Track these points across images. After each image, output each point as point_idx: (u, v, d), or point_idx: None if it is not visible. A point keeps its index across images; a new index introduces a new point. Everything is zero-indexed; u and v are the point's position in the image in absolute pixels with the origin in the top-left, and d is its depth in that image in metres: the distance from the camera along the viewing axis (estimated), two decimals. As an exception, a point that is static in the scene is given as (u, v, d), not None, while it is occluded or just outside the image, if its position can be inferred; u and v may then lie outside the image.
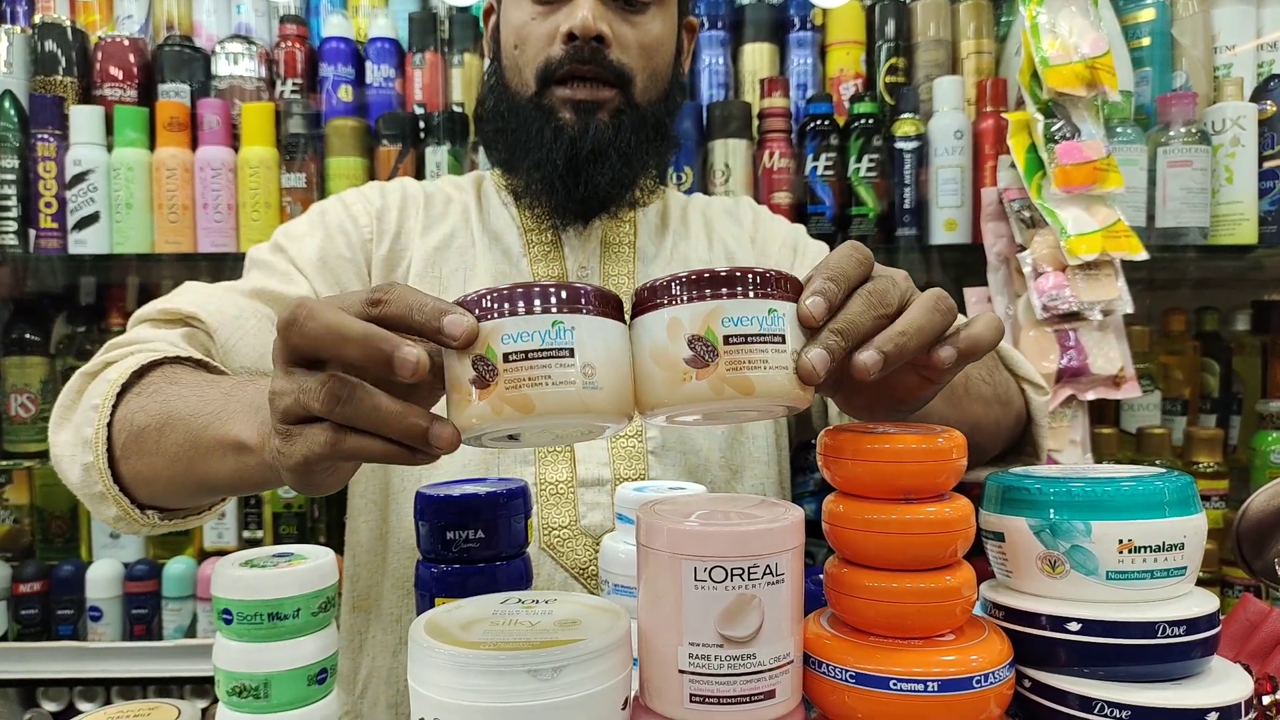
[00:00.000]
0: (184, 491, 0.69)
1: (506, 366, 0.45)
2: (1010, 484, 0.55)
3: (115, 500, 0.70)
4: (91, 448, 0.70)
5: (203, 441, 0.63)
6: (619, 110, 0.90)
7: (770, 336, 0.47)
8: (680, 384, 0.47)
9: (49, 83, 1.50)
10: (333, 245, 0.93)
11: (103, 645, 1.48)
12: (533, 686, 0.44)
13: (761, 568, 0.46)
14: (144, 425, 0.68)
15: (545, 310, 0.46)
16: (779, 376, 0.47)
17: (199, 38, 1.59)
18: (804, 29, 1.55)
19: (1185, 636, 0.49)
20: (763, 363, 0.46)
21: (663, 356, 0.47)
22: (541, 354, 0.45)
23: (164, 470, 0.68)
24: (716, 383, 0.46)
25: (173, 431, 0.66)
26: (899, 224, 1.45)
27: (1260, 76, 1.48)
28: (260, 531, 1.54)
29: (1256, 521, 0.65)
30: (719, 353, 0.46)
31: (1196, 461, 1.46)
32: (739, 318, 0.46)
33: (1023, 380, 0.86)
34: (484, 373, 0.45)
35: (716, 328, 0.46)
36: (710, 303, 0.46)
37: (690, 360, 0.46)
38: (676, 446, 0.89)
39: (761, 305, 0.47)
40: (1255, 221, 1.42)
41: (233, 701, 0.54)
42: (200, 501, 0.73)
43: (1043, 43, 1.30)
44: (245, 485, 0.64)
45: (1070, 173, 1.28)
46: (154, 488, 0.70)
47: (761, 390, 0.46)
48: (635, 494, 0.66)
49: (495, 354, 0.45)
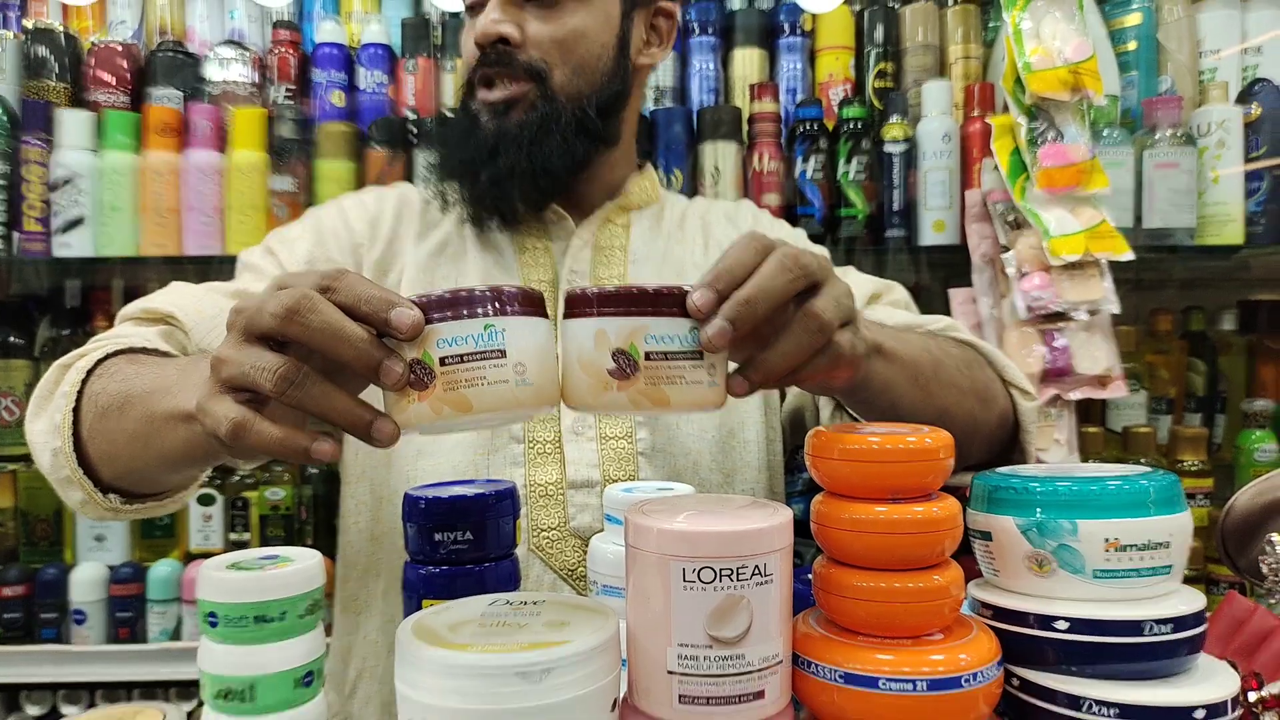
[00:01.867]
0: (145, 468, 0.70)
1: (443, 370, 0.48)
2: (997, 483, 0.55)
3: (80, 483, 0.72)
4: (59, 433, 0.72)
5: (157, 415, 0.64)
6: (532, 105, 0.90)
7: (689, 353, 0.51)
8: (602, 391, 0.50)
9: (40, 87, 1.50)
10: (323, 249, 0.93)
11: (87, 649, 1.47)
12: (521, 689, 0.44)
13: (750, 568, 0.46)
14: (106, 405, 0.70)
15: (475, 315, 0.49)
16: (694, 390, 0.51)
17: (192, 43, 1.59)
18: (794, 34, 1.55)
19: (1172, 634, 0.50)
20: (679, 378, 0.50)
21: (589, 364, 0.50)
22: (476, 356, 0.48)
23: (125, 448, 0.69)
24: (635, 395, 0.49)
25: (131, 409, 0.67)
26: (888, 225, 1.45)
27: (1245, 80, 1.50)
28: (247, 534, 1.53)
29: (1241, 519, 0.66)
30: (639, 367, 0.50)
31: (1181, 460, 1.47)
32: (660, 335, 0.50)
33: (1010, 385, 0.86)
34: (422, 375, 0.49)
35: (639, 344, 0.49)
36: (635, 319, 0.50)
37: (613, 372, 0.50)
38: (666, 448, 0.89)
39: (684, 324, 0.51)
40: (1241, 222, 1.43)
41: (218, 705, 0.53)
42: (163, 480, 0.74)
43: (1026, 48, 1.31)
44: (197, 456, 0.65)
45: (1053, 175, 1.29)
46: (117, 466, 0.72)
47: (676, 403, 0.50)
48: (624, 495, 0.66)
49: (432, 358, 0.48)
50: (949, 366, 0.77)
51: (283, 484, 1.53)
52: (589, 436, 0.88)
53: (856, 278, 0.98)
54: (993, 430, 0.83)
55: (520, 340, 0.49)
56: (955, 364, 0.78)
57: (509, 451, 0.87)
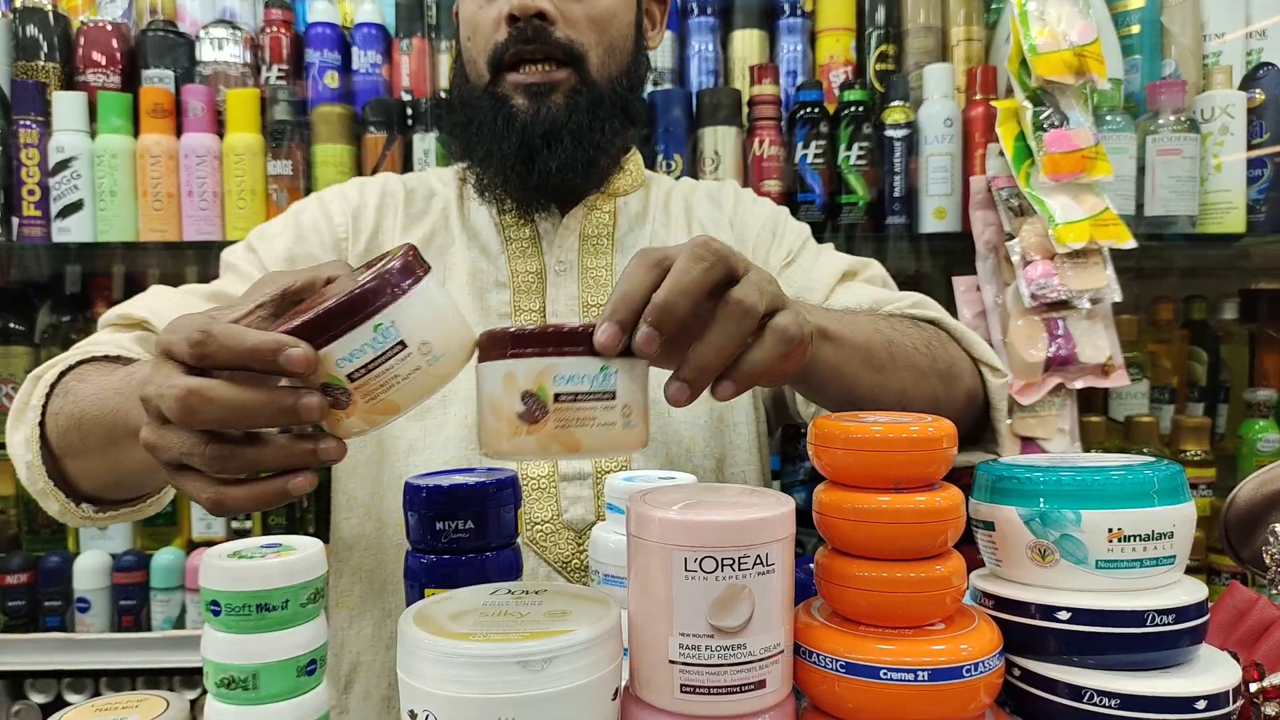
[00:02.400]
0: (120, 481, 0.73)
1: (355, 385, 0.49)
2: (1000, 473, 0.55)
3: (53, 495, 0.74)
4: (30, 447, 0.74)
5: (116, 435, 0.66)
6: (574, 90, 0.88)
7: (600, 394, 0.48)
8: (512, 436, 0.49)
9: (31, 68, 1.48)
10: (303, 245, 0.92)
11: (90, 637, 1.47)
12: (523, 678, 0.44)
13: (752, 558, 0.46)
14: (65, 426, 0.72)
15: (362, 321, 0.48)
16: (606, 433, 0.49)
17: (183, 23, 1.57)
18: (794, 15, 1.54)
19: (1174, 625, 0.50)
20: (590, 420, 0.48)
21: (498, 408, 0.49)
22: (380, 361, 0.48)
23: (97, 463, 0.72)
24: (545, 439, 0.48)
25: (89, 429, 0.69)
26: (888, 212, 1.45)
27: (1249, 64, 1.49)
28: (249, 522, 1.53)
29: (1244, 510, 0.66)
30: (549, 410, 0.48)
31: (1184, 450, 1.47)
32: (570, 376, 0.48)
33: (979, 362, 0.85)
34: (338, 395, 0.49)
35: (548, 385, 0.48)
36: (543, 360, 0.48)
37: (522, 415, 0.48)
38: (658, 437, 0.89)
39: (594, 363, 0.48)
40: (1243, 210, 1.42)
41: (221, 693, 0.53)
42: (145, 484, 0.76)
43: (1031, 30, 1.30)
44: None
45: (1058, 161, 1.28)
46: (95, 481, 0.74)
47: (587, 447, 0.49)
48: (625, 484, 0.66)
49: (339, 378, 0.48)
50: (905, 346, 0.76)
51: (283, 471, 1.53)
52: None
53: (832, 256, 0.97)
54: (959, 409, 0.82)
55: (414, 320, 0.49)
56: (913, 343, 0.77)
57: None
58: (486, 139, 0.89)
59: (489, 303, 0.92)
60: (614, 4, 0.90)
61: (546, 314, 0.92)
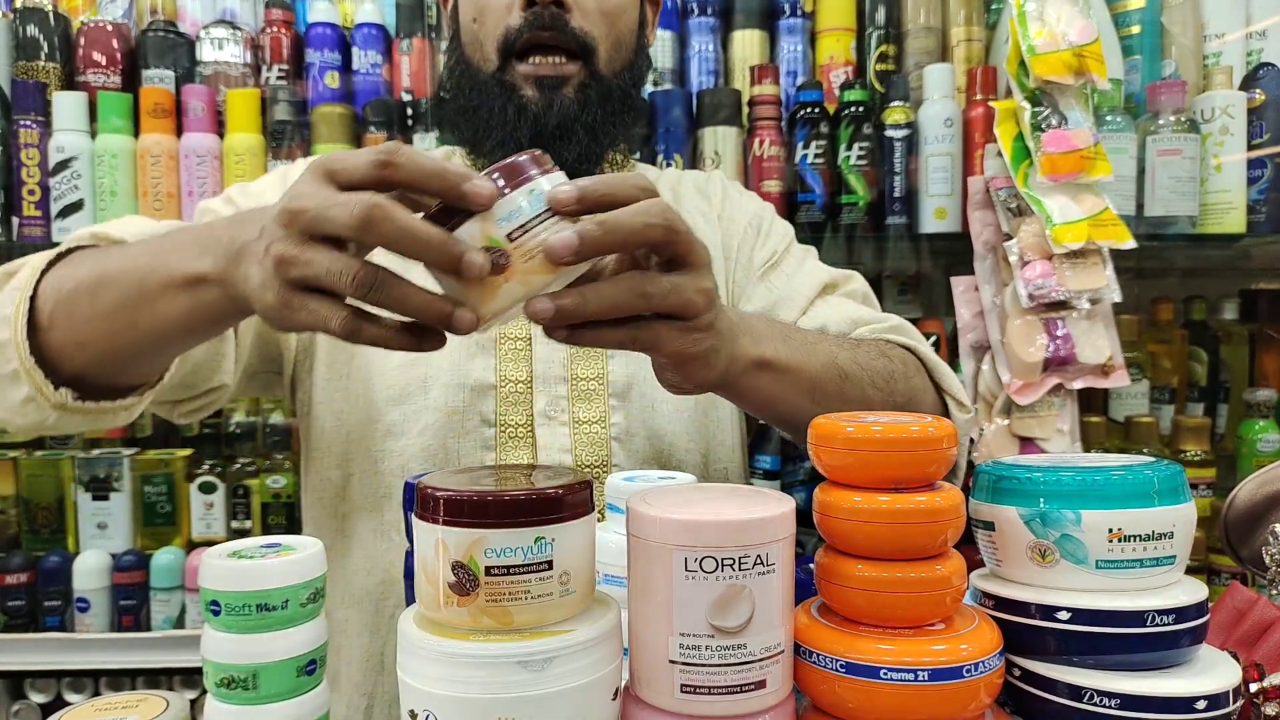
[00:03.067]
0: (123, 351, 0.67)
1: (513, 244, 0.49)
2: (1000, 473, 0.55)
3: (28, 375, 0.68)
4: (9, 324, 0.67)
5: (150, 285, 0.62)
6: (584, 84, 0.88)
7: (535, 565, 0.46)
8: (441, 606, 0.46)
9: (31, 68, 1.48)
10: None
11: (90, 636, 1.47)
12: (523, 677, 0.44)
13: (752, 558, 0.46)
14: (73, 288, 0.67)
15: (521, 184, 0.50)
16: (541, 605, 0.46)
17: (183, 23, 1.57)
18: (794, 15, 1.54)
19: (1174, 625, 0.50)
20: (524, 594, 0.46)
21: (430, 573, 0.47)
22: (535, 222, 0.49)
23: (100, 329, 0.66)
24: (475, 612, 0.45)
25: (109, 286, 0.64)
26: (889, 212, 1.45)
27: (1249, 65, 1.49)
28: (248, 521, 1.53)
29: (1244, 510, 0.66)
30: (480, 583, 0.45)
31: (1184, 450, 1.47)
32: (502, 549, 0.45)
33: (945, 394, 0.84)
34: (496, 258, 0.49)
35: (479, 558, 0.45)
36: (474, 531, 0.45)
37: (453, 586, 0.46)
38: (640, 432, 0.88)
39: (529, 534, 0.46)
40: (1243, 210, 1.42)
41: (221, 693, 0.53)
42: (140, 363, 0.71)
43: (1030, 31, 1.30)
44: (199, 324, 0.63)
45: (1057, 161, 1.28)
46: (87, 353, 0.68)
47: (520, 622, 0.46)
48: (625, 484, 0.66)
49: (497, 238, 0.49)
50: (860, 380, 0.75)
51: (284, 471, 1.53)
52: (561, 420, 0.87)
53: (814, 266, 0.96)
54: None
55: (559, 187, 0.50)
56: (871, 376, 0.77)
57: (479, 435, 0.86)
58: (498, 128, 0.88)
59: None
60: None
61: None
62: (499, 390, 0.87)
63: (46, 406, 0.69)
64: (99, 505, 1.53)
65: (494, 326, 0.56)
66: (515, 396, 0.87)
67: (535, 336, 0.88)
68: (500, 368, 0.87)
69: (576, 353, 0.89)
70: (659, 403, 0.89)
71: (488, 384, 0.87)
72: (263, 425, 1.60)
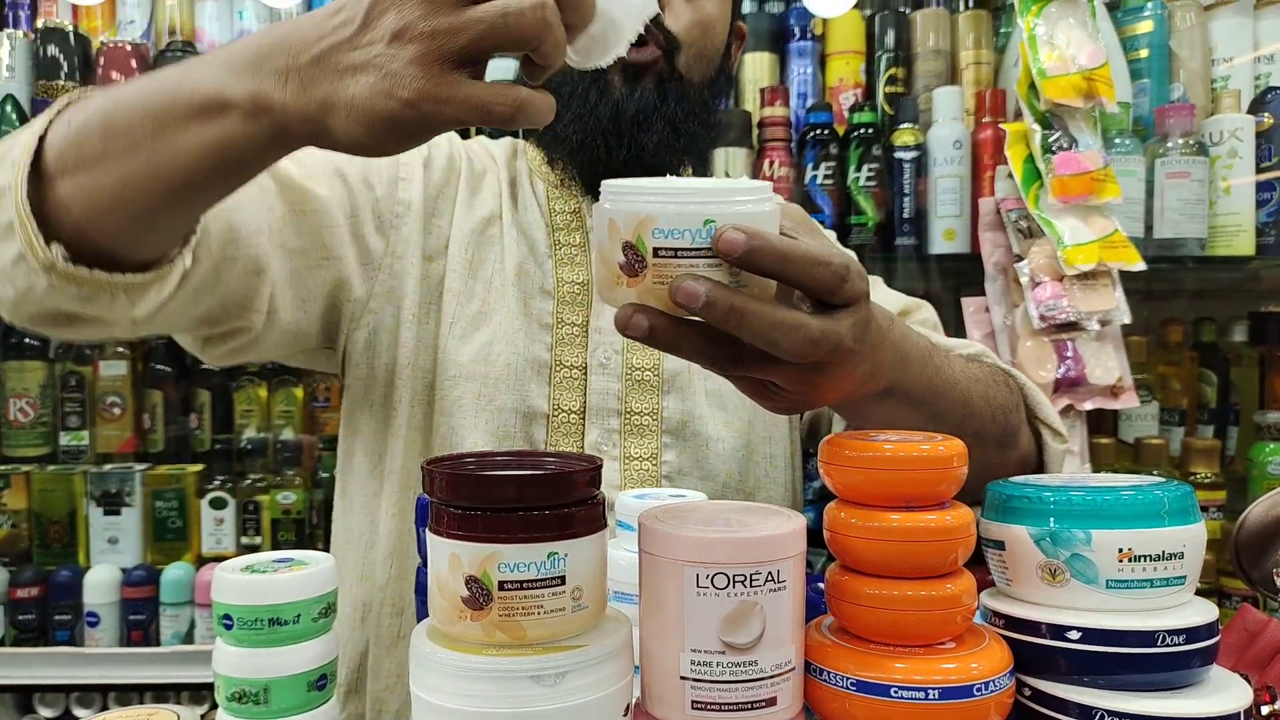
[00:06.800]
0: (139, 195, 0.58)
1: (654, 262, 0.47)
2: (1011, 492, 0.55)
3: (22, 224, 0.59)
4: (14, 169, 0.59)
5: (174, 113, 0.55)
6: (663, 78, 0.86)
7: (548, 580, 0.46)
8: (455, 620, 0.46)
9: (51, 87, 1.51)
10: (352, 164, 0.85)
11: (100, 651, 1.48)
12: (535, 692, 0.44)
13: (764, 574, 0.46)
14: (82, 124, 0.58)
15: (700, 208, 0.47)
16: (553, 620, 0.46)
17: (201, 43, 1.60)
18: (804, 38, 1.55)
19: (1185, 645, 0.50)
20: (537, 609, 0.45)
21: (444, 587, 0.46)
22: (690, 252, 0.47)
23: (113, 171, 0.57)
24: (488, 627, 0.45)
25: (128, 118, 0.57)
26: (898, 233, 1.45)
27: (1257, 88, 1.49)
28: (258, 537, 1.53)
29: (1255, 532, 0.65)
30: (493, 598, 0.45)
31: (1194, 472, 1.46)
32: (515, 564, 0.45)
33: (1042, 424, 0.81)
34: (634, 261, 0.48)
35: (492, 572, 0.45)
36: (488, 546, 0.45)
37: (466, 600, 0.45)
38: (693, 471, 0.86)
39: (541, 550, 0.45)
40: (1252, 233, 1.42)
41: (232, 707, 0.54)
42: (156, 213, 0.60)
43: (1040, 54, 1.31)
44: (229, 157, 0.55)
45: (1067, 183, 1.28)
46: (97, 199, 0.59)
47: (533, 637, 0.46)
48: (637, 501, 0.66)
49: (645, 245, 0.47)
50: (981, 415, 0.72)
51: (294, 488, 1.53)
52: (613, 455, 0.85)
53: (884, 292, 0.95)
54: (1008, 473, 0.79)
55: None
56: (992, 411, 0.73)
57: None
58: (577, 103, 0.85)
59: (532, 309, 0.88)
60: (717, 14, 0.89)
61: (590, 329, 0.88)
62: (551, 420, 0.85)
63: (36, 268, 0.60)
64: (110, 520, 1.53)
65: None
66: (567, 427, 0.85)
67: (590, 367, 0.87)
68: (554, 395, 0.85)
69: (631, 386, 0.86)
70: (713, 441, 0.86)
71: (540, 412, 0.85)
72: (274, 441, 1.61)
